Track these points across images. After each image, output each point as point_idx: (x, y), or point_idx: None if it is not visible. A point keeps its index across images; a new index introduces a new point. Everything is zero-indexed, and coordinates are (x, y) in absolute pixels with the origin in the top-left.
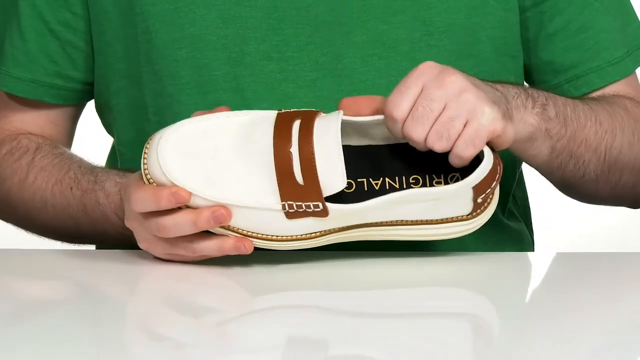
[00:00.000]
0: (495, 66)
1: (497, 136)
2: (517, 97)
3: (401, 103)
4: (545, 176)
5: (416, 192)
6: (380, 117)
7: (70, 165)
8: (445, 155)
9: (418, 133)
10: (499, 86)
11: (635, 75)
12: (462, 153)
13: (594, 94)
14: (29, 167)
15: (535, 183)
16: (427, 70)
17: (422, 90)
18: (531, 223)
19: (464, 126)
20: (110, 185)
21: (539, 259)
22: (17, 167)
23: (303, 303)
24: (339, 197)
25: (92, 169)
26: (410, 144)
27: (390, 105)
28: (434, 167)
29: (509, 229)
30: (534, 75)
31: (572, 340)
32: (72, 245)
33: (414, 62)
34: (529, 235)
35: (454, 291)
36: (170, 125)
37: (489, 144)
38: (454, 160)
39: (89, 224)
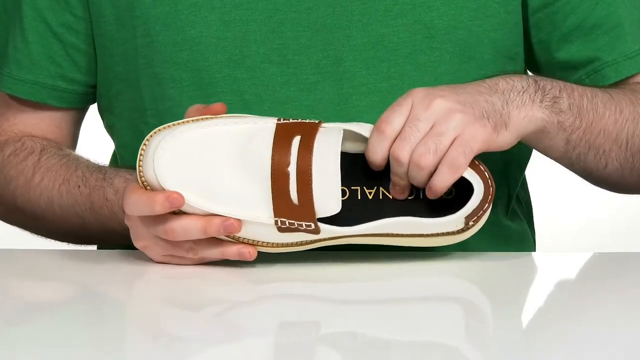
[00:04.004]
0: (495, 68)
1: (488, 148)
2: (524, 92)
3: (394, 120)
4: (568, 168)
5: (408, 220)
6: None
7: (77, 165)
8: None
9: (405, 151)
10: (501, 83)
11: None
12: (444, 178)
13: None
14: (34, 167)
15: (537, 183)
16: (415, 92)
17: (410, 111)
18: (533, 223)
19: (451, 144)
20: (119, 181)
21: (541, 259)
22: (22, 168)
23: (300, 292)
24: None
25: (100, 167)
26: (394, 169)
27: (382, 122)
28: None
29: (511, 229)
30: (553, 72)
31: (573, 339)
32: (74, 245)
33: (416, 65)
34: (531, 235)
35: (452, 289)
36: (167, 130)
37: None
38: (435, 186)
39: (95, 222)
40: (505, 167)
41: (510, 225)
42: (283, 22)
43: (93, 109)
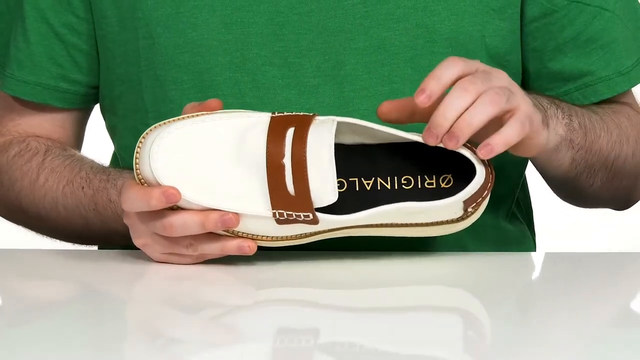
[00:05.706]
0: None
1: (530, 139)
2: (549, 108)
3: (456, 63)
4: (557, 187)
5: (407, 205)
6: (379, 126)
7: (81, 166)
8: (437, 155)
9: (477, 85)
10: (531, 97)
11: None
12: (514, 131)
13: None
14: (39, 168)
15: (537, 184)
16: (475, 61)
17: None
18: (533, 224)
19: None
20: (122, 183)
21: (540, 260)
22: (27, 169)
23: (301, 298)
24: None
25: (104, 168)
26: (450, 100)
27: (443, 64)
28: (426, 168)
29: (511, 232)
30: (542, 82)
31: (572, 340)
32: (75, 245)
33: (417, 70)
34: (531, 237)
35: (451, 289)
36: (163, 127)
37: (514, 149)
38: (505, 135)
39: (99, 222)
40: (505, 171)
41: (510, 228)
42: (284, 24)
43: (94, 111)
